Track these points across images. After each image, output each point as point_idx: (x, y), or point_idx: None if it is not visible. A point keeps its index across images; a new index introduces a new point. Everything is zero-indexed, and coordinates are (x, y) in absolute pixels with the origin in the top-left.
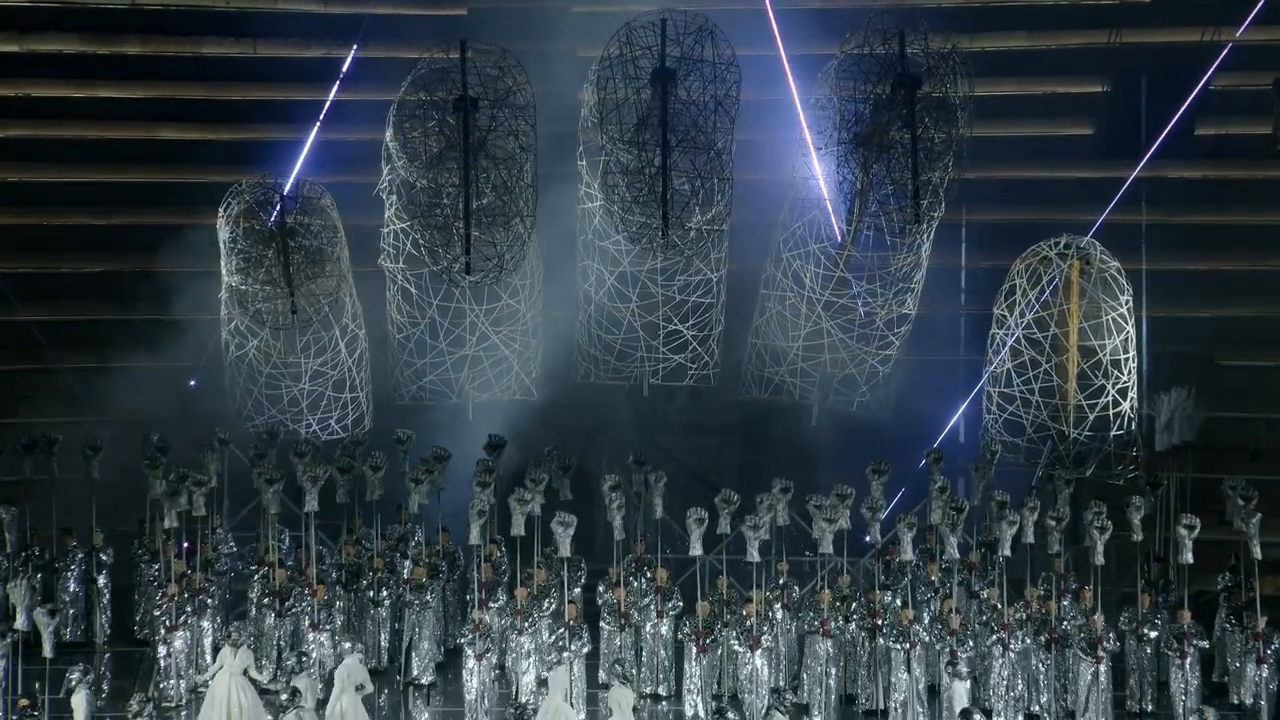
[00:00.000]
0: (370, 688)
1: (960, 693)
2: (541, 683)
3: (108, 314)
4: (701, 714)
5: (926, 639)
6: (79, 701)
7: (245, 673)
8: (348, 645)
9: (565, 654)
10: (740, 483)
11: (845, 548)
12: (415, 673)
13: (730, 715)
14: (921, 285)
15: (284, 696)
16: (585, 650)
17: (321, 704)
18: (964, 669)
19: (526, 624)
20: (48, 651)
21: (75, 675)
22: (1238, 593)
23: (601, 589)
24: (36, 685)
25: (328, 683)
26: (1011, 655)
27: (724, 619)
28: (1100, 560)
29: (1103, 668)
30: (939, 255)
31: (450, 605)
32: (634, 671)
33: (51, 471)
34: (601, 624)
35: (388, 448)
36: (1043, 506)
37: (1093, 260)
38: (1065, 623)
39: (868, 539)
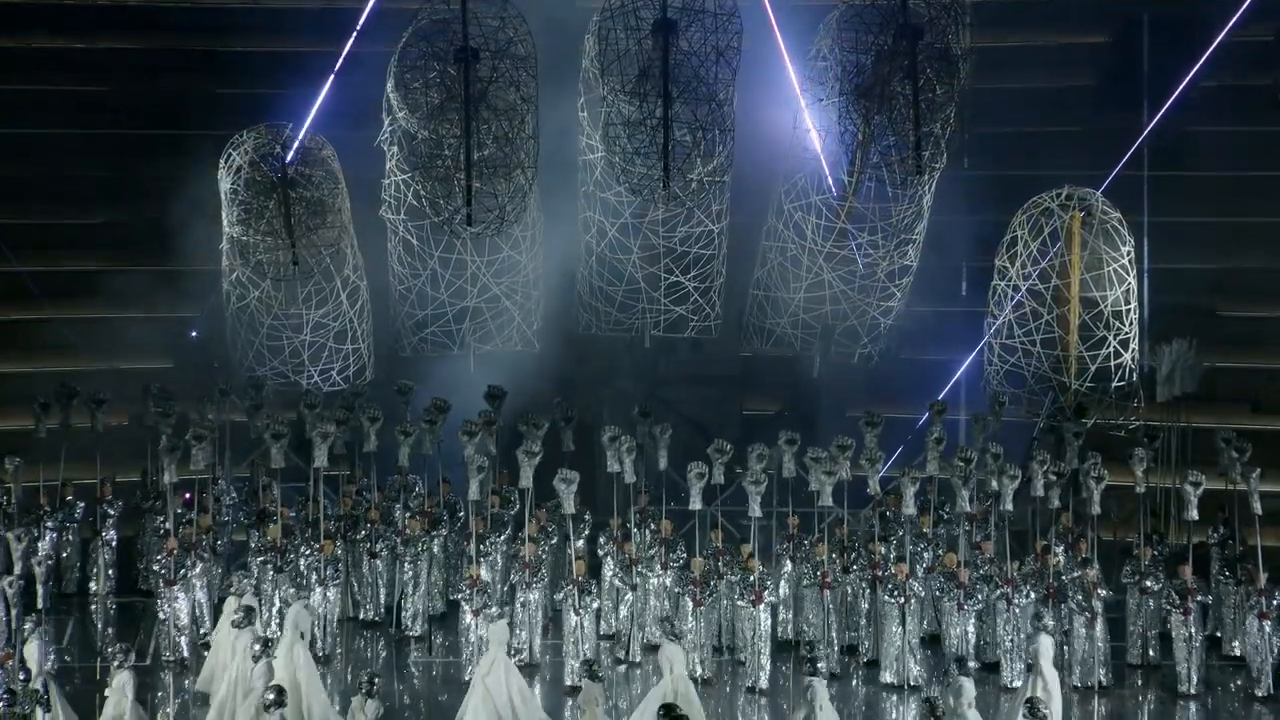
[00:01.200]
0: (308, 636)
1: (1046, 647)
2: (545, 630)
3: (107, 264)
4: (700, 670)
5: (921, 592)
6: (30, 651)
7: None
8: (293, 591)
9: (574, 612)
10: (741, 434)
11: (845, 499)
12: (408, 624)
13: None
14: (923, 236)
15: (256, 647)
16: (595, 606)
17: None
18: (1049, 622)
19: (534, 579)
20: (41, 602)
21: (28, 626)
22: (1231, 545)
23: (602, 540)
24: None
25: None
26: (1016, 610)
27: (719, 572)
28: (1097, 510)
29: (1099, 622)
30: (940, 206)
31: (451, 556)
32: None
33: (67, 422)
34: (609, 578)
35: (389, 399)
36: (1043, 459)
37: (1094, 211)
38: (1065, 576)
39: (869, 490)
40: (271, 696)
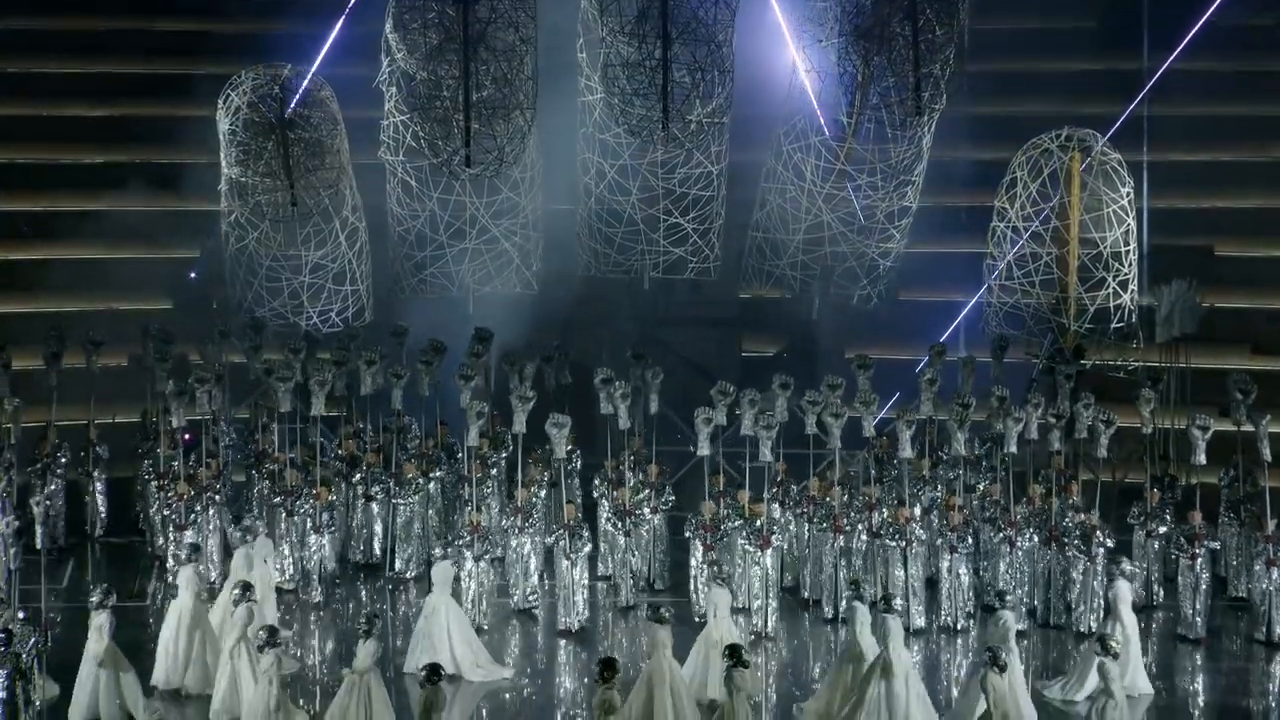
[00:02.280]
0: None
1: (1125, 591)
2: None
3: (106, 205)
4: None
5: (923, 536)
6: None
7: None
8: (240, 535)
9: (566, 557)
10: (740, 376)
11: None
12: (402, 567)
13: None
14: (922, 178)
15: (236, 591)
16: (586, 550)
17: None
18: (1127, 567)
19: (527, 524)
20: (40, 543)
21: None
22: (1237, 487)
23: (597, 481)
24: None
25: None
26: (1019, 553)
27: (725, 515)
28: (1104, 454)
29: (1098, 565)
30: (939, 147)
31: (449, 499)
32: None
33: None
34: (604, 524)
35: (387, 341)
36: (1038, 401)
37: (1093, 152)
38: (1067, 519)
39: (866, 433)
40: (265, 636)
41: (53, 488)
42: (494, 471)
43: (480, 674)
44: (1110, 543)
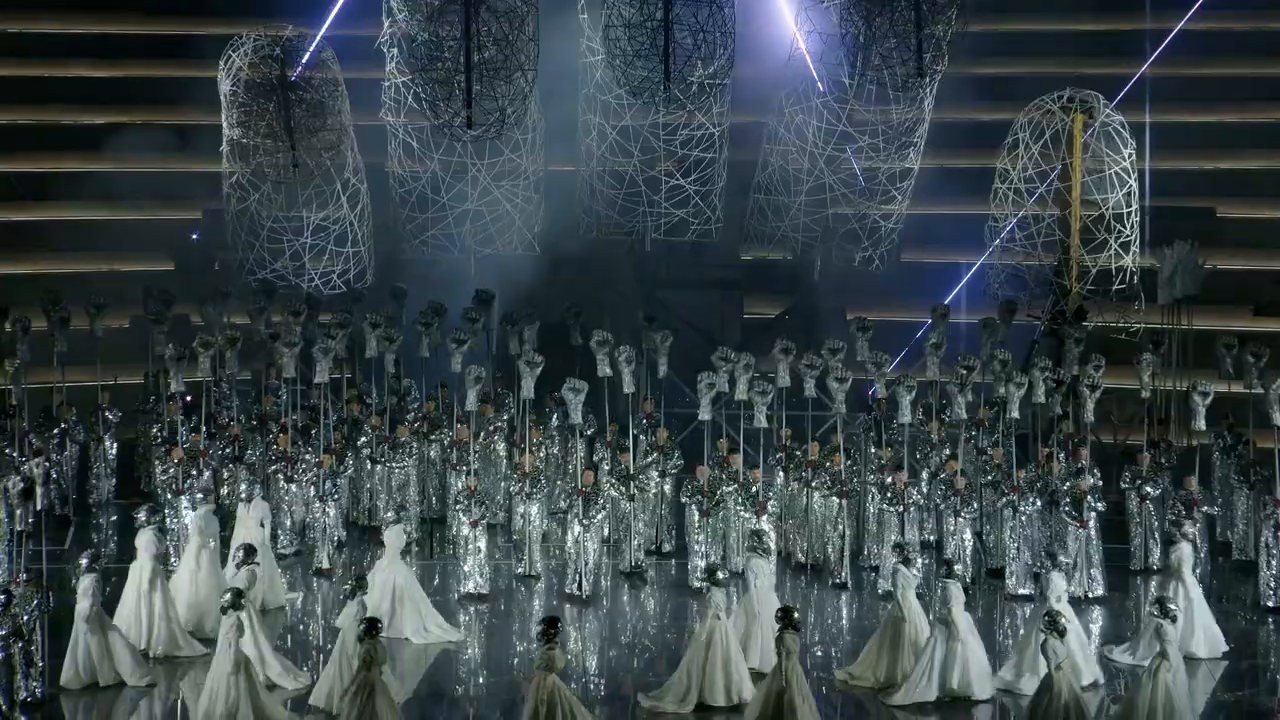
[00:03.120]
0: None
1: (1187, 554)
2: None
3: (108, 166)
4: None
5: (921, 500)
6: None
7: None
8: (200, 496)
9: (580, 523)
10: (742, 338)
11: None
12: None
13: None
14: (924, 139)
15: (239, 554)
16: (600, 519)
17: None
18: (1190, 530)
19: (534, 490)
20: (40, 503)
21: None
22: (1244, 450)
23: (596, 446)
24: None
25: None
26: (1022, 518)
27: (724, 480)
28: (1090, 419)
29: (1090, 529)
30: (941, 109)
31: (450, 461)
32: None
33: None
34: (606, 488)
35: (388, 303)
36: (1045, 365)
37: (1095, 113)
38: (1067, 483)
39: (872, 391)
40: (228, 599)
41: (66, 453)
42: (496, 435)
43: (428, 636)
44: (1100, 506)
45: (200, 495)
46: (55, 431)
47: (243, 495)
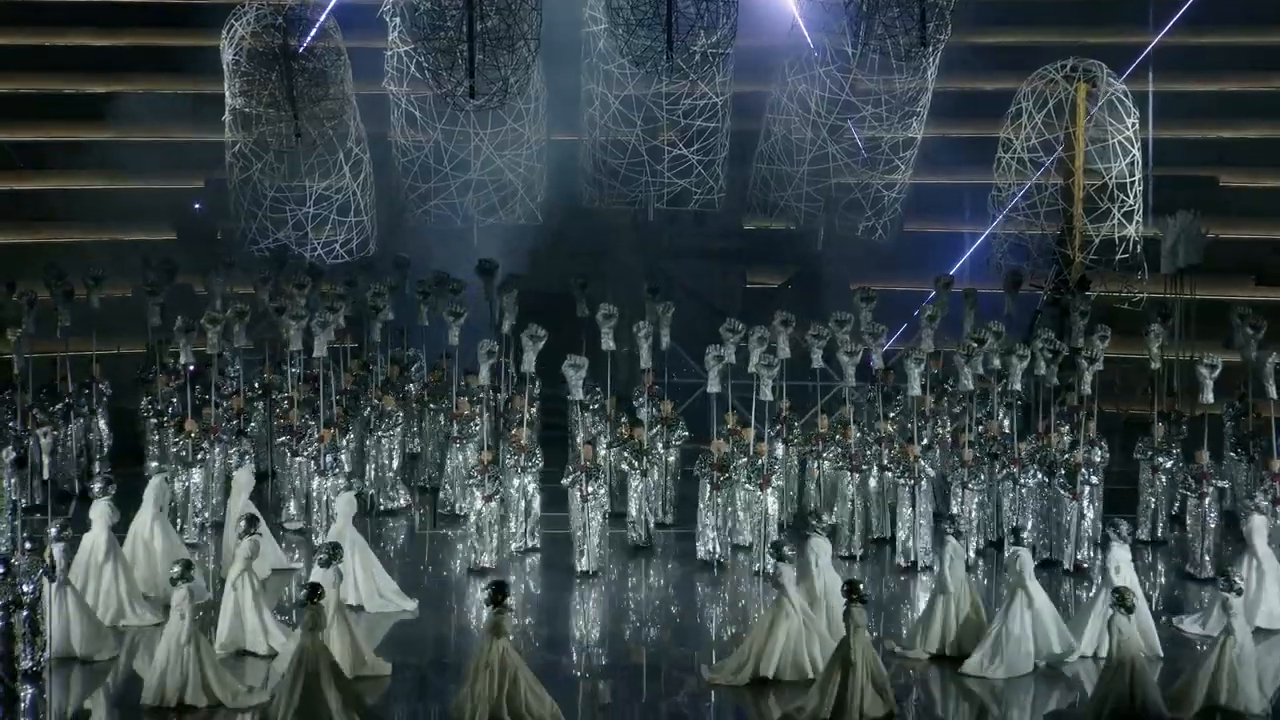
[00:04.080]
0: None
1: (1260, 525)
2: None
3: (110, 135)
4: (717, 554)
5: (931, 473)
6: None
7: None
8: (154, 465)
9: (581, 497)
10: (744, 307)
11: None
12: (381, 500)
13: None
14: (927, 109)
15: (242, 524)
16: (602, 492)
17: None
18: (1263, 501)
19: (529, 463)
20: (46, 473)
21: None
22: (1244, 421)
23: (596, 419)
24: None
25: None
26: (1024, 491)
27: (734, 453)
28: (1088, 391)
29: (1085, 502)
30: (944, 78)
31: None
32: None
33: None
34: (621, 464)
35: (391, 272)
36: (1049, 337)
37: (1099, 83)
38: (1068, 455)
39: (872, 363)
40: (177, 570)
41: (71, 426)
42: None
43: (382, 604)
44: (1095, 479)
45: (154, 465)
46: (59, 406)
47: (234, 464)
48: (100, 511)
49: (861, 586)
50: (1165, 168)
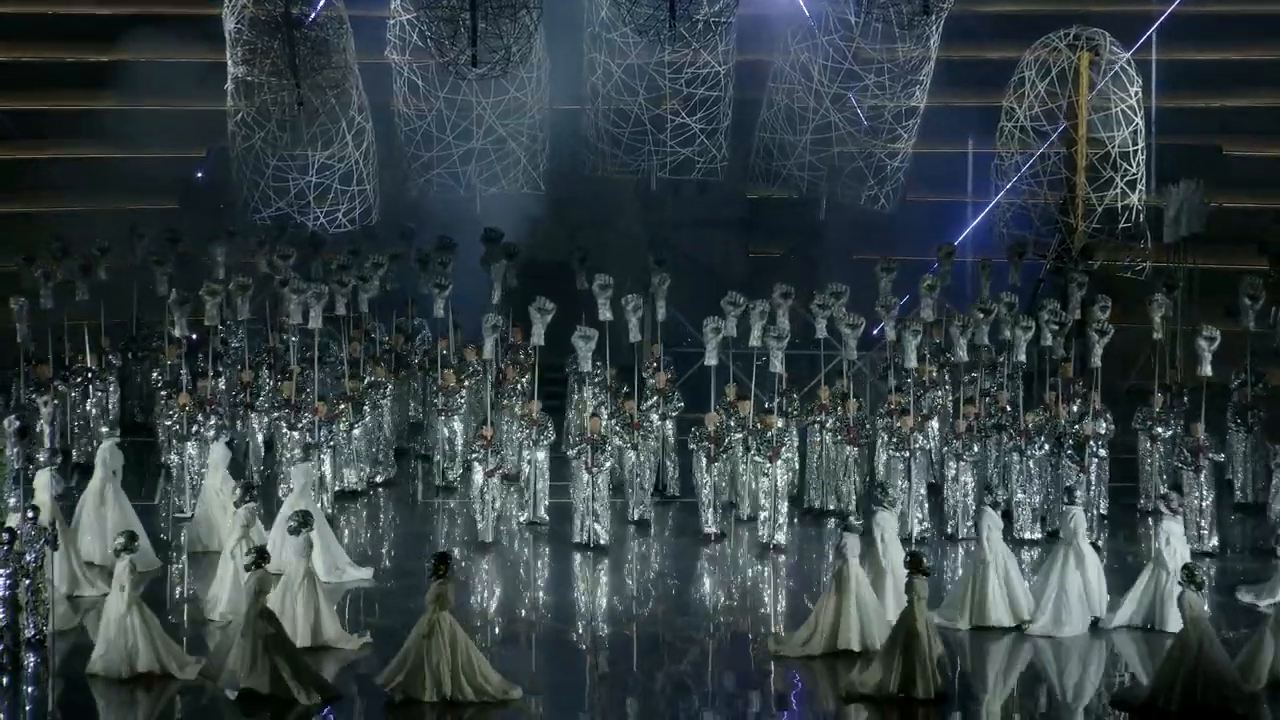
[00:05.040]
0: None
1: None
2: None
3: (112, 104)
4: (715, 527)
5: (928, 445)
6: (42, 483)
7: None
8: (105, 430)
9: (587, 470)
10: (747, 275)
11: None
12: (370, 472)
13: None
14: (930, 78)
15: (236, 492)
16: (608, 465)
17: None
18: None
19: (540, 437)
20: (48, 441)
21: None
22: (1245, 391)
23: (596, 390)
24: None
25: None
26: (1030, 463)
27: (731, 426)
28: (1097, 363)
29: (1092, 475)
30: (947, 46)
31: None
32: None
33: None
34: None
35: (394, 242)
36: (1054, 308)
37: (1102, 51)
38: (1076, 426)
39: (876, 332)
40: (120, 542)
41: (91, 399)
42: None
43: (337, 575)
44: (1103, 452)
45: (105, 430)
46: (77, 380)
47: (211, 435)
48: (42, 482)
49: (924, 559)
50: (1168, 136)
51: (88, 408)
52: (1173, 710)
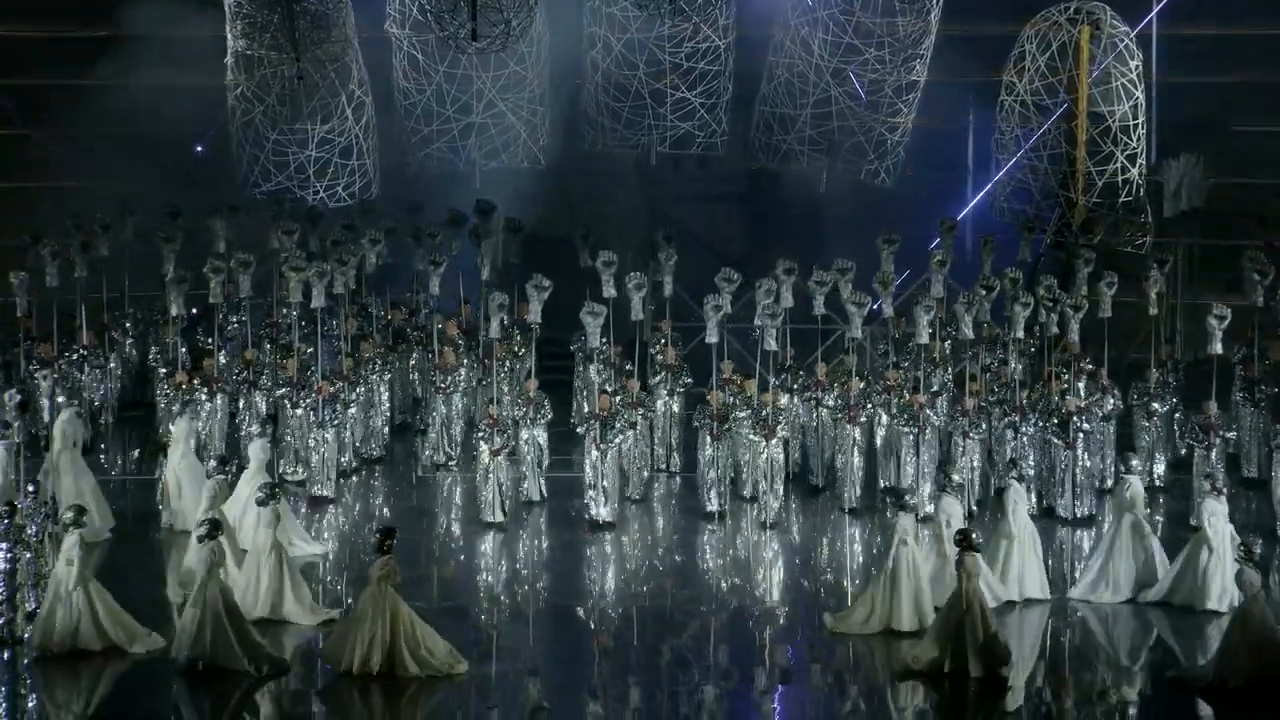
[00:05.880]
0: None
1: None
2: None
3: (111, 79)
4: (717, 506)
5: (937, 422)
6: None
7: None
8: (62, 400)
9: (596, 447)
10: (749, 249)
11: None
12: (359, 448)
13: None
14: (930, 52)
15: (212, 463)
16: (617, 442)
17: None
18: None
19: (538, 415)
20: (48, 415)
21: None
22: (1251, 366)
23: (601, 367)
24: None
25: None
26: (1025, 439)
27: (733, 404)
28: (1075, 338)
29: (1079, 451)
30: (947, 20)
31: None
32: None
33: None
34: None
35: (394, 217)
36: (1050, 285)
37: (1103, 25)
38: (1059, 403)
39: (877, 306)
40: (69, 516)
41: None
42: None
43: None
44: (1088, 427)
45: (62, 400)
46: (74, 357)
47: (176, 410)
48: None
49: (974, 535)
50: (1170, 111)
51: (89, 383)
52: (1238, 687)
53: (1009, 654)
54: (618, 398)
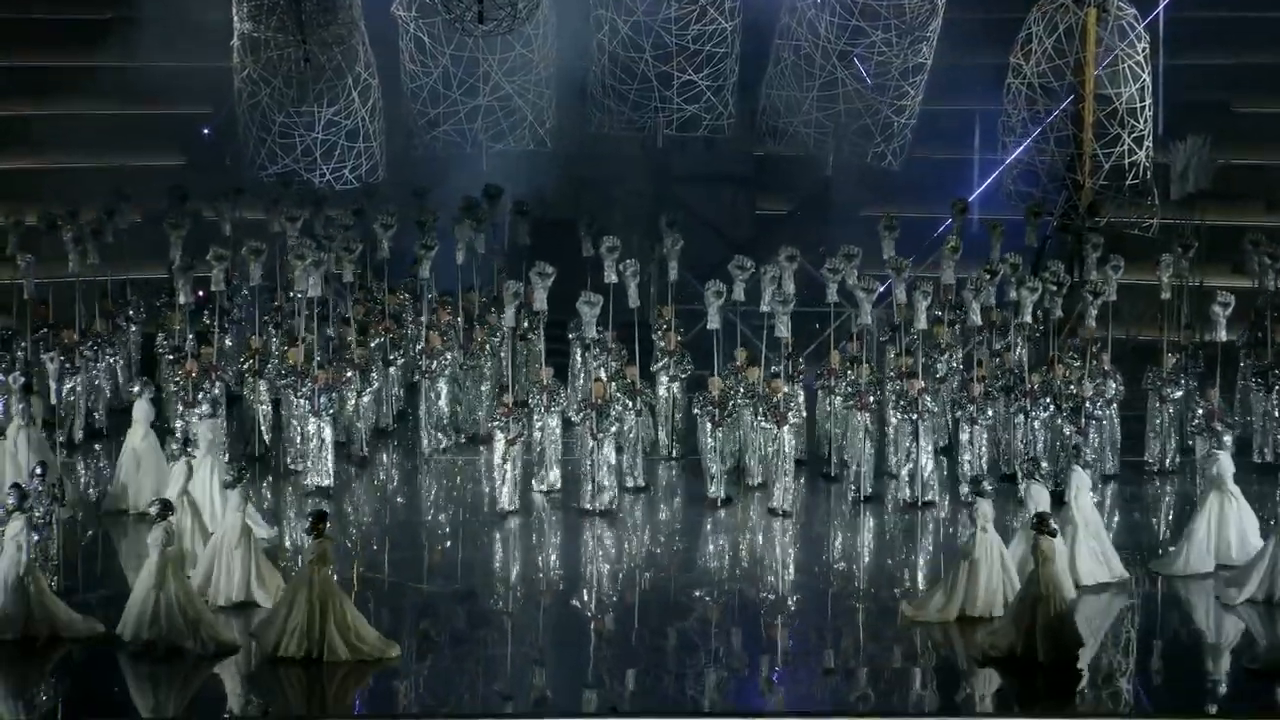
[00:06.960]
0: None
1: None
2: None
3: (116, 60)
4: (721, 494)
5: (936, 409)
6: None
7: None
8: (14, 375)
9: (592, 436)
10: (754, 232)
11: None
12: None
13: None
14: (937, 34)
15: (175, 447)
16: (614, 430)
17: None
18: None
19: (552, 403)
20: (54, 398)
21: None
22: (1262, 351)
23: (599, 354)
24: None
25: None
26: (1035, 424)
27: (737, 390)
28: (1092, 322)
29: (1091, 435)
30: (954, 3)
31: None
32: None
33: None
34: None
35: (401, 200)
36: (1056, 269)
37: (1109, 7)
38: (1072, 388)
39: (882, 289)
40: (12, 501)
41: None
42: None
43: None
44: (1098, 412)
45: (21, 379)
46: (86, 345)
47: (136, 392)
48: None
49: (1050, 519)
50: (1177, 93)
51: (100, 369)
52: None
53: (1079, 641)
54: (613, 385)
